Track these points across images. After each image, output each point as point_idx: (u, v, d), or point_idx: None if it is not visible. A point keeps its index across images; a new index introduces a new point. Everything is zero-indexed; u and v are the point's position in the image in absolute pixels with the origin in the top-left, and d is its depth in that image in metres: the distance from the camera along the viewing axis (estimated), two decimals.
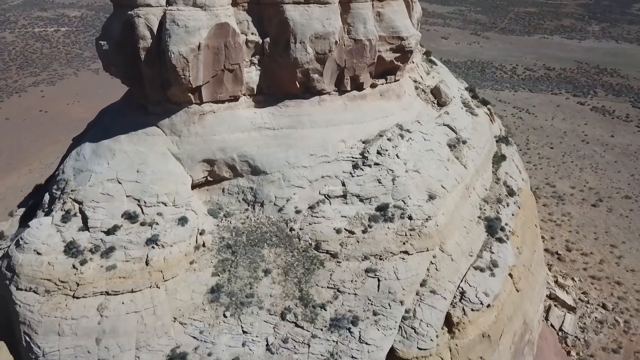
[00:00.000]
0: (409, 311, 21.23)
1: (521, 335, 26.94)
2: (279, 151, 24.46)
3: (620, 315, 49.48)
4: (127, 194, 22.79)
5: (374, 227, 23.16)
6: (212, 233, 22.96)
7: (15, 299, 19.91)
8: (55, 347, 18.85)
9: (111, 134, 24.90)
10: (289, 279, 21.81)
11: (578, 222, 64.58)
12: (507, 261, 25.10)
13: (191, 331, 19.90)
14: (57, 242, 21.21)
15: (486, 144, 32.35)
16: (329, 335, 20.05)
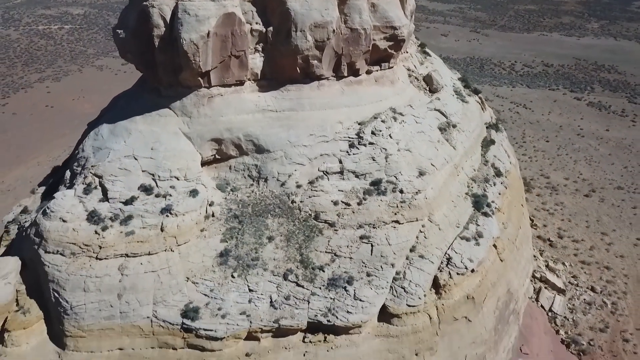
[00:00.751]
0: (399, 273, 23.56)
1: (505, 303, 29.25)
2: (281, 131, 26.80)
3: (608, 297, 51.78)
4: (143, 169, 25.15)
5: (368, 200, 25.50)
6: (221, 205, 25.31)
7: (44, 260, 22.27)
8: (82, 302, 21.20)
9: (127, 115, 27.27)
10: (291, 244, 24.14)
11: (570, 211, 66.73)
12: (491, 233, 27.43)
13: (202, 289, 22.24)
14: (80, 211, 23.56)
15: (475, 129, 34.67)
16: (326, 293, 22.38)
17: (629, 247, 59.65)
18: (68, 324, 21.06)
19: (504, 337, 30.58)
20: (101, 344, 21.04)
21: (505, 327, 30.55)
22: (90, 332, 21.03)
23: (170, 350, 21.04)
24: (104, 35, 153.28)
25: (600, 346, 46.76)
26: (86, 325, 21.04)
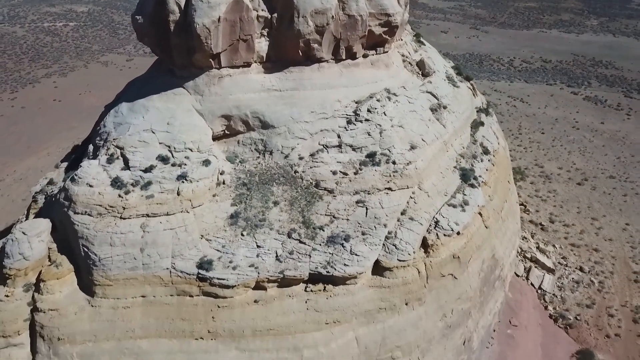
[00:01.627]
0: (391, 232, 26.46)
1: (490, 268, 32.11)
2: (284, 109, 29.72)
3: (596, 276, 54.69)
4: (160, 141, 28.08)
5: (364, 170, 28.40)
6: (230, 174, 28.24)
7: (73, 220, 25.19)
8: (109, 255, 24.13)
9: (144, 94, 30.25)
10: (294, 208, 27.06)
11: (563, 198, 69.62)
12: (477, 201, 30.31)
13: (215, 245, 25.15)
14: (105, 178, 26.49)
15: (465, 111, 37.57)
16: (326, 249, 25.29)
17: (617, 231, 62.46)
18: (97, 274, 23.98)
19: (490, 300, 33.46)
20: (126, 291, 23.94)
21: (491, 291, 33.41)
22: (117, 281, 23.93)
23: (187, 298, 23.93)
24: (108, 33, 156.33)
25: (587, 321, 49.68)
26: (113, 275, 23.95)
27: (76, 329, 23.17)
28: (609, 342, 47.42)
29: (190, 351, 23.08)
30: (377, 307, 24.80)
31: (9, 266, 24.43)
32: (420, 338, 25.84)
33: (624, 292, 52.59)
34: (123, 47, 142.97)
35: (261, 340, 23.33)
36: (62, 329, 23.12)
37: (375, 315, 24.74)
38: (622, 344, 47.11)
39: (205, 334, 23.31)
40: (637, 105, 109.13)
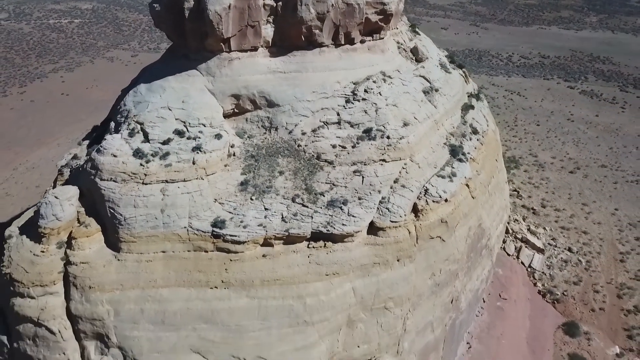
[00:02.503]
0: (384, 198, 29.68)
1: (477, 235, 35.31)
2: (288, 89, 32.98)
3: (584, 256, 58.05)
4: (176, 117, 31.33)
5: (361, 144, 31.64)
6: (240, 147, 31.49)
7: (100, 186, 28.41)
8: (133, 215, 27.36)
9: (160, 76, 33.54)
10: (298, 177, 30.30)
11: (555, 185, 72.92)
12: (464, 174, 33.53)
13: (227, 208, 28.39)
14: (127, 149, 29.73)
15: (456, 94, 40.78)
16: (326, 211, 28.52)
17: (606, 215, 65.73)
18: (122, 232, 27.24)
19: (477, 267, 36.67)
20: (148, 247, 27.18)
21: (479, 258, 36.62)
22: (140, 238, 27.18)
23: (202, 253, 27.16)
24: (113, 29, 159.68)
25: (573, 296, 53.02)
26: (136, 232, 27.20)
27: (105, 279, 26.42)
28: (593, 315, 50.65)
29: (206, 298, 26.31)
30: (371, 262, 28.02)
31: (44, 226, 27.68)
32: (411, 292, 29.04)
33: (610, 271, 55.81)
34: (128, 44, 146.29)
35: (268, 289, 26.55)
36: (93, 279, 26.36)
37: (370, 269, 27.95)
38: (606, 317, 50.33)
39: (219, 283, 26.54)
40: (632, 99, 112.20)
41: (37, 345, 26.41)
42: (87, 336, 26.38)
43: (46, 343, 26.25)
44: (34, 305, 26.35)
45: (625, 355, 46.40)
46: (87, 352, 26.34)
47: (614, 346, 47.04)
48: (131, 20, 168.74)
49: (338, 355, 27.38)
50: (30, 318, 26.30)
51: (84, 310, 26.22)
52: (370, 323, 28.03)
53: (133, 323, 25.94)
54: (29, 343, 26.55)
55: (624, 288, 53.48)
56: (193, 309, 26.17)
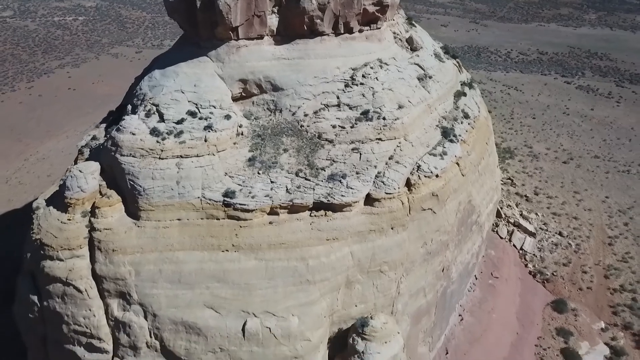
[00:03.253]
0: (380, 172, 32.66)
1: (467, 211, 38.28)
2: (292, 74, 35.98)
3: (573, 240, 61.03)
4: (189, 100, 34.33)
5: (359, 125, 34.61)
6: (247, 127, 34.46)
7: (120, 161, 31.37)
8: (151, 186, 30.33)
9: (173, 63, 36.56)
10: (301, 154, 33.28)
11: (548, 174, 75.91)
12: (454, 153, 36.49)
13: (236, 181, 31.36)
14: (144, 128, 32.70)
15: (449, 82, 43.74)
16: (326, 184, 31.49)
17: (597, 203, 68.73)
18: (141, 201, 30.25)
19: (468, 241, 39.67)
20: (165, 215, 30.17)
21: (469, 233, 39.61)
22: (157, 207, 30.17)
23: (215, 220, 30.15)
24: (117, 27, 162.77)
25: (562, 276, 56.04)
26: (154, 202, 30.19)
27: (126, 243, 29.43)
28: (581, 294, 53.72)
29: (218, 260, 29.31)
30: (368, 229, 31.00)
31: (70, 197, 30.71)
32: (404, 258, 32.02)
33: (598, 253, 58.87)
34: (132, 40, 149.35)
35: (275, 252, 29.55)
36: (115, 243, 29.37)
37: (367, 236, 30.94)
38: (593, 295, 53.39)
39: (230, 247, 29.54)
40: (627, 94, 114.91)
41: (65, 303, 29.40)
42: (111, 294, 29.38)
43: (74, 301, 29.24)
44: (62, 266, 29.35)
45: (610, 329, 49.42)
46: (110, 309, 29.34)
47: (599, 321, 50.08)
48: (134, 18, 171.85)
49: (337, 312, 30.36)
50: (59, 278, 29.28)
51: (107, 271, 29.22)
52: (367, 284, 31.01)
53: (152, 282, 28.93)
54: (58, 301, 29.54)
55: (611, 269, 56.53)
56: (206, 270, 29.16)
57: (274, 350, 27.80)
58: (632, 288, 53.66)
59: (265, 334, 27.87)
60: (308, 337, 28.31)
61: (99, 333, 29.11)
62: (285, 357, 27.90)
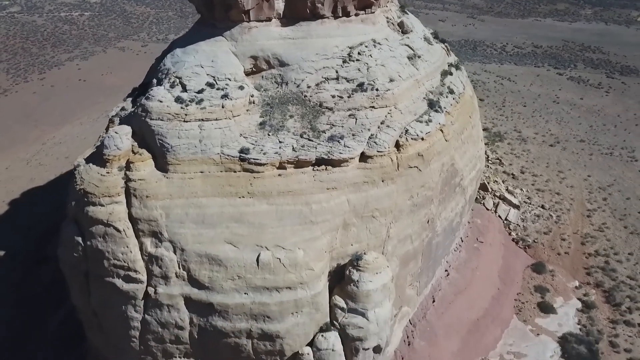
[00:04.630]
0: (373, 134, 38.55)
1: (451, 173, 44.15)
2: (296, 52, 41.90)
3: (554, 212, 66.97)
4: (207, 73, 40.25)
5: (355, 95, 40.50)
6: (257, 97, 40.34)
7: (150, 124, 37.24)
8: (177, 144, 36.24)
9: (193, 42, 42.58)
10: (304, 120, 39.15)
11: (535, 156, 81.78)
12: (439, 121, 42.39)
13: (250, 141, 37.24)
14: (169, 97, 38.61)
15: (437, 62, 49.67)
16: (327, 144, 37.35)
17: (579, 180, 74.65)
18: (169, 157, 36.14)
19: (452, 201, 45.60)
20: (190, 168, 36.05)
21: (452, 194, 45.54)
22: (183, 161, 36.06)
23: (232, 172, 36.02)
24: (122, 22, 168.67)
25: (542, 243, 62.06)
26: (180, 157, 36.07)
27: (157, 191, 35.31)
28: (559, 258, 59.80)
29: (235, 205, 35.19)
30: (362, 181, 36.89)
31: (107, 154, 36.59)
32: (393, 207, 37.93)
33: (577, 224, 64.90)
34: (137, 35, 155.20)
35: (283, 198, 35.43)
36: (148, 191, 35.25)
37: (361, 186, 36.82)
38: (570, 259, 59.45)
39: (245, 194, 35.42)
40: (616, 84, 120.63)
41: (106, 242, 35.26)
42: (145, 234, 35.24)
43: (113, 239, 35.12)
44: (103, 211, 35.24)
45: (583, 287, 55.44)
46: (144, 246, 35.19)
47: (574, 281, 56.11)
48: (139, 13, 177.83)
49: (336, 250, 36.21)
50: (101, 220, 35.15)
51: (142, 214, 35.12)
52: (361, 227, 36.89)
53: (180, 223, 34.82)
54: (99, 240, 35.40)
55: (587, 237, 62.54)
56: (226, 213, 35.05)
57: (283, 277, 33.66)
58: (606, 253, 59.62)
59: (275, 264, 33.75)
60: (312, 267, 34.20)
61: (135, 266, 34.96)
62: (292, 283, 33.77)
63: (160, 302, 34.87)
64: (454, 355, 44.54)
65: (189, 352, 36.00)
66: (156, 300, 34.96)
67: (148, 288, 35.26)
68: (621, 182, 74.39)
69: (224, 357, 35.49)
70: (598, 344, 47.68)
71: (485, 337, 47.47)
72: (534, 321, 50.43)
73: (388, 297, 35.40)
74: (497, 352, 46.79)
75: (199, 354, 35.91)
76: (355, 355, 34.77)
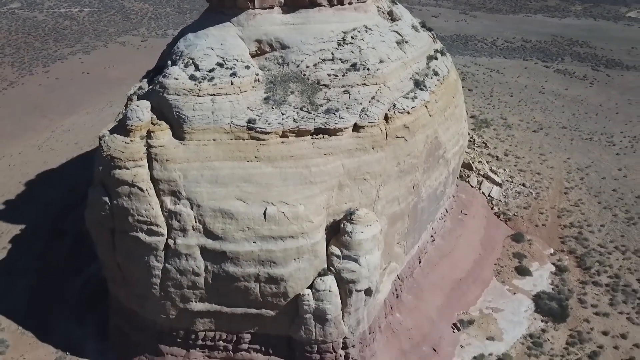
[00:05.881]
0: (365, 108, 44.28)
1: (434, 145, 49.98)
2: (296, 36, 47.62)
3: (534, 189, 72.95)
4: (217, 54, 45.89)
5: (348, 74, 46.23)
6: (262, 76, 46.01)
7: (168, 99, 42.83)
8: (193, 115, 41.83)
9: (204, 27, 48.32)
10: (304, 95, 44.82)
11: (518, 140, 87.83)
12: (423, 97, 48.20)
13: (256, 113, 42.86)
14: (184, 75, 44.20)
15: (423, 47, 55.51)
16: (324, 116, 43.02)
17: (559, 162, 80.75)
18: (186, 126, 41.76)
19: (435, 170, 51.45)
20: (204, 136, 41.64)
21: (436, 165, 51.39)
22: (198, 130, 41.65)
23: (241, 140, 41.66)
24: (121, 17, 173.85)
25: (522, 216, 68.13)
26: (195, 127, 41.67)
27: (176, 156, 40.93)
28: (536, 229, 65.81)
29: (244, 167, 40.83)
30: (355, 148, 42.62)
31: (130, 125, 42.13)
32: (382, 171, 43.68)
33: (555, 199, 70.99)
34: (137, 30, 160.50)
35: (286, 162, 41.11)
36: (168, 155, 40.84)
37: (354, 153, 42.55)
38: (547, 230, 65.47)
39: (253, 158, 41.07)
40: (601, 77, 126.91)
41: (131, 200, 40.83)
42: (165, 193, 40.82)
43: (137, 198, 40.69)
44: (128, 173, 40.80)
45: (557, 254, 61.39)
46: (165, 203, 40.77)
47: (549, 248, 62.12)
48: (137, 10, 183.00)
49: (332, 207, 41.90)
50: (126, 182, 40.71)
51: (162, 175, 40.72)
52: (354, 188, 42.61)
53: (196, 183, 40.44)
54: (125, 199, 40.96)
55: (564, 211, 68.61)
56: (236, 174, 40.71)
57: (286, 228, 39.37)
58: (580, 224, 65.66)
59: (280, 217, 39.45)
60: (311, 219, 39.93)
61: (157, 221, 40.56)
62: (295, 233, 39.49)
63: (179, 252, 40.52)
64: (438, 308, 50.34)
65: (204, 297, 41.66)
66: (175, 251, 40.60)
67: (168, 240, 40.87)
68: (598, 164, 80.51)
69: (235, 300, 41.19)
70: (568, 301, 53.62)
71: (466, 295, 53.31)
72: (512, 282, 56.36)
73: (377, 246, 41.15)
74: (477, 307, 52.65)
75: (212, 298, 41.58)
76: (349, 296, 40.47)
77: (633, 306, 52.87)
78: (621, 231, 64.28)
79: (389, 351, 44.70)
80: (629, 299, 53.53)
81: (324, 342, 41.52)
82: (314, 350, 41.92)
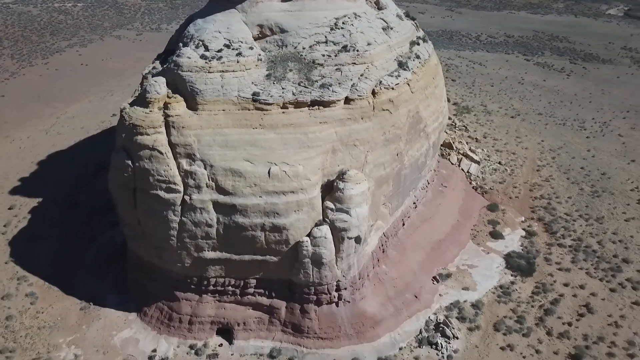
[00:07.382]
0: (354, 84, 51.56)
1: (416, 120, 57.41)
2: (294, 21, 54.82)
3: (509, 167, 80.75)
4: (224, 37, 52.95)
5: (340, 54, 53.50)
6: (264, 56, 53.13)
7: (182, 74, 49.77)
8: (204, 88, 48.78)
9: (212, 13, 55.32)
10: (301, 73, 51.97)
11: (497, 125, 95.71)
12: (406, 76, 55.61)
13: (259, 87, 49.89)
14: (195, 55, 51.18)
15: (406, 33, 63.01)
16: (319, 90, 50.21)
17: (534, 144, 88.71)
18: (198, 98, 48.72)
19: (417, 142, 58.92)
20: (214, 107, 48.61)
21: (417, 137, 58.84)
22: (209, 102, 48.61)
23: (247, 110, 48.68)
24: (115, 12, 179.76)
25: (497, 190, 75.89)
26: (207, 99, 48.64)
27: (191, 123, 47.86)
28: (510, 201, 73.59)
29: (250, 134, 47.87)
30: (346, 118, 49.87)
31: (149, 97, 48.99)
32: (370, 139, 50.97)
33: (528, 175, 78.89)
34: (131, 24, 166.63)
35: (287, 129, 48.22)
36: (183, 123, 47.77)
37: (345, 122, 49.80)
38: (519, 202, 73.24)
39: (257, 126, 48.13)
40: (578, 69, 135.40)
41: (151, 162, 47.65)
42: (181, 155, 47.71)
43: (157, 160, 47.53)
44: (149, 138, 47.64)
45: (528, 221, 69.04)
46: (181, 165, 47.64)
47: (521, 217, 69.82)
48: (130, 5, 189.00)
49: (327, 169, 49.08)
50: (147, 146, 47.54)
51: (179, 140, 47.64)
52: (345, 152, 49.85)
53: (209, 146, 47.40)
54: (146, 161, 47.77)
55: (535, 185, 76.44)
56: (243, 139, 47.74)
57: (288, 184, 46.51)
58: (549, 196, 73.51)
59: (282, 175, 46.59)
60: (309, 177, 47.12)
61: (175, 180, 47.46)
62: (295, 188, 46.64)
63: (194, 206, 47.49)
64: (419, 263, 57.73)
65: (216, 246, 48.65)
66: (191, 205, 47.57)
67: (184, 196, 47.82)
68: (569, 146, 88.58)
69: (243, 248, 48.23)
70: (535, 259, 61.30)
71: (445, 254, 60.78)
72: (486, 244, 63.95)
73: (365, 201, 48.44)
74: (454, 264, 60.12)
75: (223, 246, 48.58)
76: (342, 242, 47.70)
77: (592, 263, 60.56)
78: (586, 202, 72.12)
79: (376, 296, 51.95)
80: (589, 257, 61.25)
81: (320, 284, 48.72)
82: (312, 292, 49.11)
